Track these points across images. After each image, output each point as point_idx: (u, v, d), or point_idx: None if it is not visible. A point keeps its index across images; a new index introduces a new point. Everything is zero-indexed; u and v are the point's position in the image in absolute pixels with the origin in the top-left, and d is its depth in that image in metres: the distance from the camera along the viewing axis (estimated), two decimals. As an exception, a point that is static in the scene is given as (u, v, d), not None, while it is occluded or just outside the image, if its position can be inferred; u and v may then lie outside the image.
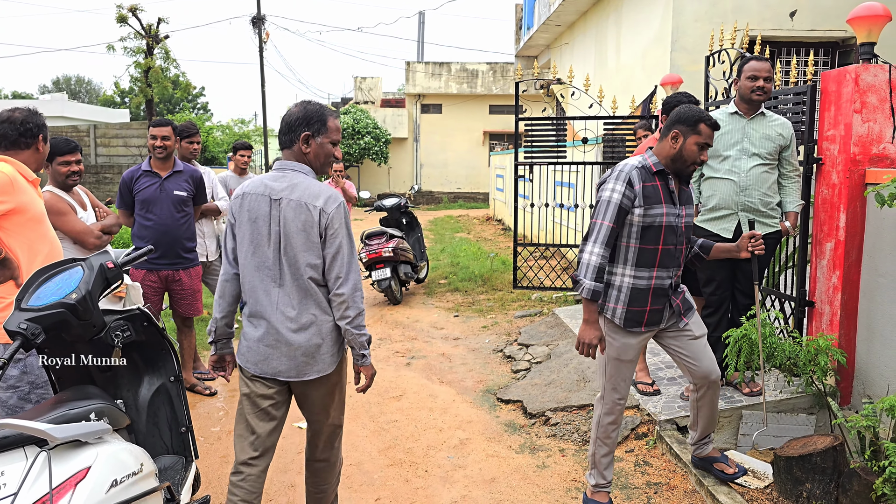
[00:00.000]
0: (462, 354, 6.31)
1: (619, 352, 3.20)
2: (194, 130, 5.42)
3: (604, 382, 3.28)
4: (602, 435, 3.31)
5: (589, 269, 3.00)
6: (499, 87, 26.00)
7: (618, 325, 3.16)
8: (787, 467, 3.43)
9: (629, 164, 3.11)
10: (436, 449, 4.24)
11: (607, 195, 3.05)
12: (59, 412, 2.21)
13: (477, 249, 12.45)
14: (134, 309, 2.99)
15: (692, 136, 3.06)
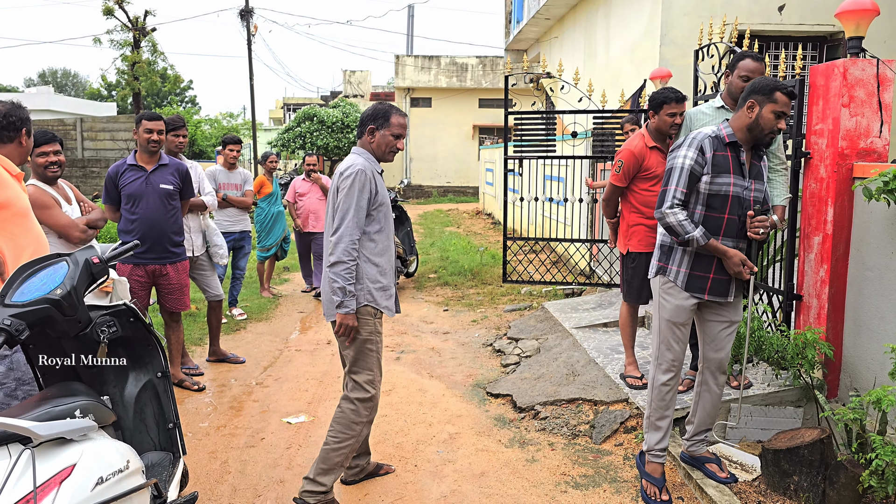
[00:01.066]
0: (452, 349, 6.30)
1: (671, 313, 3.34)
2: (180, 123, 5.37)
3: (657, 344, 3.42)
4: (657, 397, 3.43)
5: (683, 224, 3.15)
6: (488, 80, 25.96)
7: (678, 287, 3.30)
8: (774, 460, 3.44)
9: (702, 132, 3.24)
10: (425, 443, 4.24)
11: (680, 161, 3.20)
12: (44, 409, 2.18)
13: (466, 243, 12.44)
14: (120, 304, 2.96)
15: (768, 104, 3.13)
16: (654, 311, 3.46)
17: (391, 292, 3.38)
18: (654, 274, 3.44)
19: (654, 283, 3.44)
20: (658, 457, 3.48)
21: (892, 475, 2.89)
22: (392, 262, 3.40)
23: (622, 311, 4.68)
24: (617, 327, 6.09)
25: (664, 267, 3.37)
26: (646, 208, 4.40)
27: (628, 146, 4.39)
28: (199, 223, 5.48)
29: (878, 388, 2.98)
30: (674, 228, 3.19)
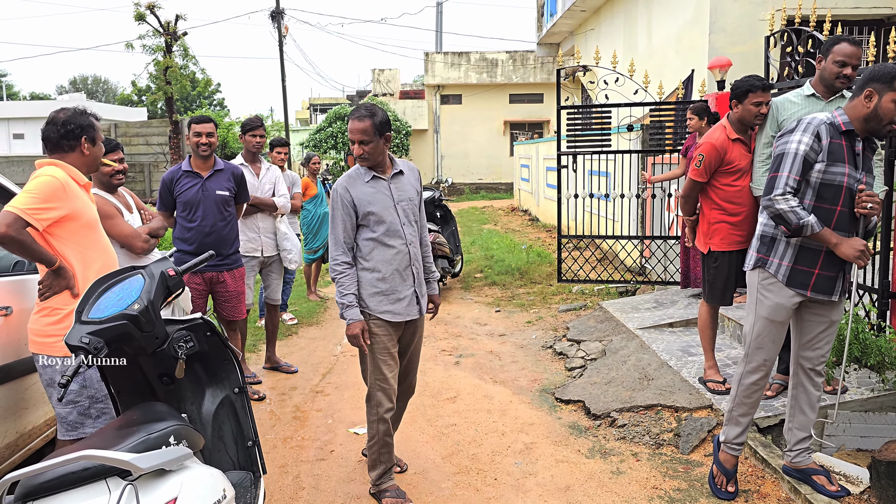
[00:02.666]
0: (511, 351, 6.11)
1: (770, 311, 3.16)
2: (258, 123, 5.35)
3: (749, 341, 3.26)
4: (742, 394, 3.31)
5: (797, 211, 2.95)
6: (518, 75, 25.67)
7: (778, 282, 3.12)
8: (888, 472, 3.20)
9: (817, 118, 3.05)
10: (501, 454, 4.06)
11: (793, 147, 3.01)
12: (138, 438, 2.04)
13: (509, 241, 12.23)
14: (197, 318, 2.82)
15: (889, 92, 2.92)
16: (750, 306, 3.26)
17: (398, 296, 3.39)
18: (751, 266, 3.24)
19: (752, 276, 3.23)
20: (734, 449, 3.39)
21: None
22: (401, 265, 3.38)
23: (702, 313, 4.45)
24: (683, 327, 5.86)
25: (764, 259, 3.16)
26: (728, 204, 4.16)
27: (709, 138, 4.16)
28: (270, 224, 5.39)
29: None
30: (785, 216, 2.96)
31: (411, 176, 3.49)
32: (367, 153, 3.28)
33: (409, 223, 3.41)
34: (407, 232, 3.38)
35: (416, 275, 3.44)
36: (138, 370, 2.69)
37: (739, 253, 4.24)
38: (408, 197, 3.42)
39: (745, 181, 4.15)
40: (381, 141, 3.30)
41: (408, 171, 3.49)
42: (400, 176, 3.43)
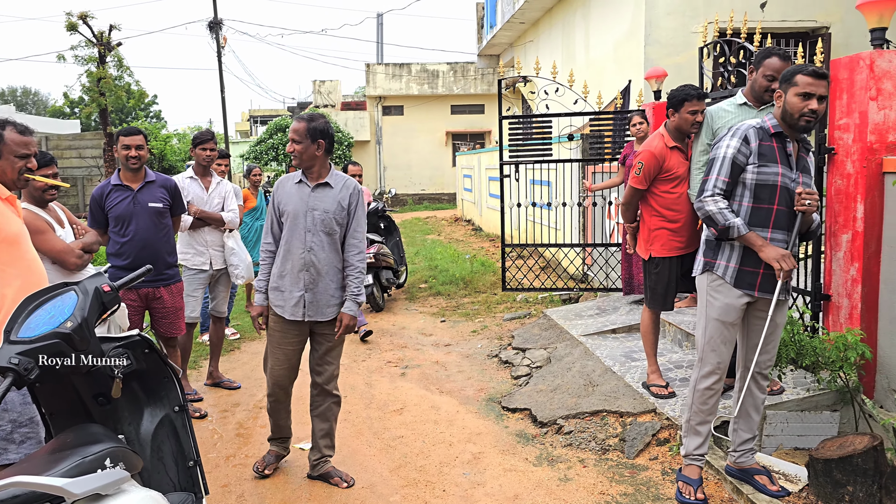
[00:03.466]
0: (457, 361, 6.10)
1: (720, 312, 3.22)
2: (208, 137, 5.28)
3: (702, 345, 3.30)
4: (698, 400, 3.32)
5: (724, 213, 3.09)
6: (460, 87, 25.84)
7: (726, 283, 3.19)
8: (825, 470, 3.30)
9: (746, 123, 3.18)
10: (449, 465, 4.03)
11: (722, 151, 3.14)
12: (72, 462, 1.93)
13: (452, 251, 12.26)
14: (134, 335, 2.71)
15: (790, 88, 3.07)
16: (701, 310, 3.33)
17: (287, 295, 3.65)
18: (699, 271, 3.32)
19: (701, 280, 3.31)
20: (697, 460, 3.42)
21: (963, 483, 2.76)
22: (295, 268, 3.62)
23: (644, 318, 4.52)
24: (626, 333, 5.95)
25: (711, 262, 3.24)
26: (667, 211, 4.25)
27: (647, 146, 4.24)
28: (218, 237, 5.29)
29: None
30: (713, 217, 3.10)
31: (341, 192, 3.64)
32: (297, 152, 3.54)
33: (316, 232, 3.59)
34: (309, 239, 3.59)
35: (309, 282, 3.62)
36: (72, 390, 2.56)
37: (680, 259, 4.33)
38: (324, 208, 3.59)
39: (684, 188, 4.25)
40: (312, 146, 3.54)
41: (338, 187, 3.65)
42: (325, 188, 3.62)
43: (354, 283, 3.68)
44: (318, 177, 3.62)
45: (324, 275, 3.63)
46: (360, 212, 3.68)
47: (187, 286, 5.12)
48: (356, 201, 3.66)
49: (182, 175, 5.36)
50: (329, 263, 3.63)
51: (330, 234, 3.61)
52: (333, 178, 3.64)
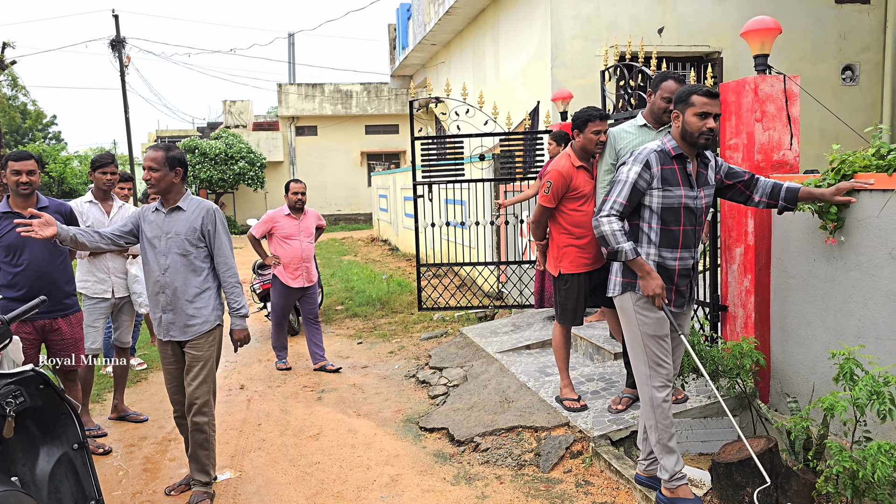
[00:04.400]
0: (374, 383, 6.06)
1: (654, 327, 3.28)
2: (109, 160, 5.07)
3: (647, 363, 3.32)
4: (661, 417, 3.32)
5: (616, 235, 3.17)
6: (374, 107, 25.89)
7: (650, 301, 3.25)
8: (727, 473, 3.45)
9: (648, 147, 3.26)
10: (367, 489, 3.99)
11: (623, 175, 3.22)
12: (-45, 510, 1.81)
13: (369, 272, 12.20)
14: (27, 370, 2.58)
15: (688, 108, 3.18)
16: (632, 330, 3.33)
17: (153, 317, 3.90)
18: (618, 291, 3.34)
19: (624, 300, 3.32)
20: (681, 479, 3.35)
21: (849, 482, 2.94)
22: (153, 290, 3.82)
23: (555, 334, 4.62)
24: (540, 348, 6.07)
25: (633, 283, 3.28)
26: (575, 229, 4.38)
27: (555, 166, 4.37)
28: (121, 264, 5.09)
29: (829, 395, 3.03)
30: (606, 238, 3.19)
31: (194, 214, 3.78)
32: (155, 180, 3.69)
33: (170, 255, 3.75)
34: (163, 262, 3.76)
35: (166, 303, 3.79)
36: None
37: (588, 275, 4.46)
38: (175, 231, 3.75)
39: (590, 206, 4.39)
40: (171, 173, 3.71)
41: (191, 210, 3.79)
42: (178, 212, 3.78)
43: (232, 299, 3.86)
44: (172, 202, 3.78)
45: (180, 296, 3.77)
46: (219, 232, 3.83)
47: (87, 316, 4.90)
48: (211, 222, 3.80)
49: (81, 199, 5.15)
50: (186, 284, 3.77)
51: (184, 255, 3.76)
52: (186, 202, 3.81)
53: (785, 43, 8.77)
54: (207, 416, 3.83)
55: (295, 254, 6.41)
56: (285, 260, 6.40)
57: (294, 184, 6.49)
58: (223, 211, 25.21)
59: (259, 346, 7.59)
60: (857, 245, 3.46)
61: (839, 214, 3.53)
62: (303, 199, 6.48)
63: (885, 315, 3.31)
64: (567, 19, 8.77)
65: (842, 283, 3.57)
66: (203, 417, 3.82)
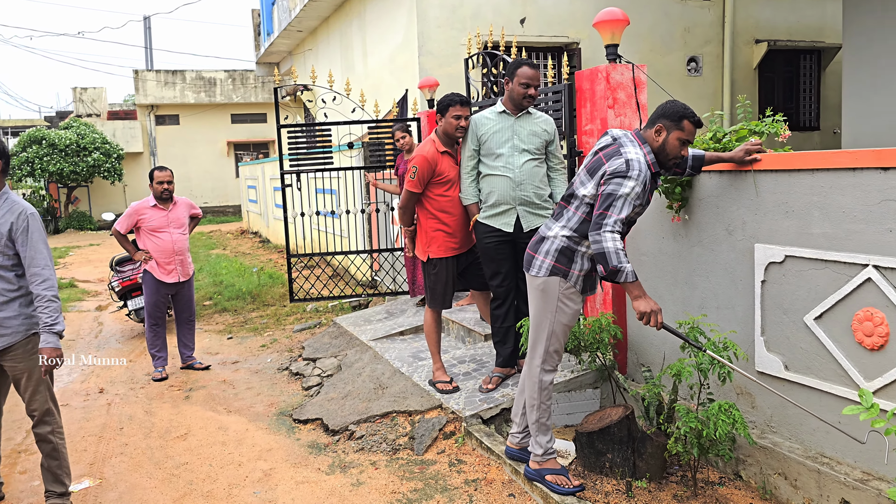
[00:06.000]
0: (245, 378, 5.91)
1: (570, 317, 3.34)
2: None
3: (545, 348, 3.35)
4: (545, 398, 3.41)
5: (619, 254, 2.99)
6: (239, 95, 25.03)
7: (577, 290, 3.30)
8: (589, 442, 3.64)
9: (641, 161, 3.09)
10: (239, 486, 3.89)
11: (626, 191, 3.03)
12: None
13: (238, 265, 11.83)
14: None
15: (675, 131, 3.14)
16: (546, 313, 3.31)
17: None
18: (545, 274, 3.28)
19: (549, 284, 3.28)
20: (552, 453, 3.47)
21: (695, 440, 3.19)
22: None
23: (427, 318, 4.69)
24: (414, 334, 6.13)
25: (566, 271, 3.25)
26: (442, 214, 4.44)
27: (420, 151, 4.41)
28: None
29: (676, 362, 3.27)
30: (608, 255, 2.98)
31: (3, 218, 3.37)
32: None
33: None
34: None
35: None
36: None
37: (456, 259, 4.55)
38: None
39: (455, 192, 4.46)
40: None
41: (1, 213, 3.38)
42: None
43: (45, 315, 3.39)
44: None
45: None
46: (32, 238, 3.41)
47: None
48: (22, 227, 3.39)
49: None
50: (34, 298, 3.42)
51: None
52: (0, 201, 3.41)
53: (636, 35, 9.28)
54: (51, 425, 3.55)
55: (166, 247, 6.03)
56: (156, 254, 6.00)
57: (158, 172, 6.05)
58: (76, 206, 23.66)
59: (120, 347, 7.20)
60: (699, 223, 3.74)
61: (683, 194, 3.79)
62: (170, 188, 6.07)
63: (724, 286, 3.60)
64: (433, 7, 8.84)
65: (687, 259, 3.84)
66: (46, 427, 3.55)
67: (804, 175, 3.13)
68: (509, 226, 4.27)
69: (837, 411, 3.03)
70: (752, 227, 3.42)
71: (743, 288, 3.49)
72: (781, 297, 3.28)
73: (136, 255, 6.03)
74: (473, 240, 4.51)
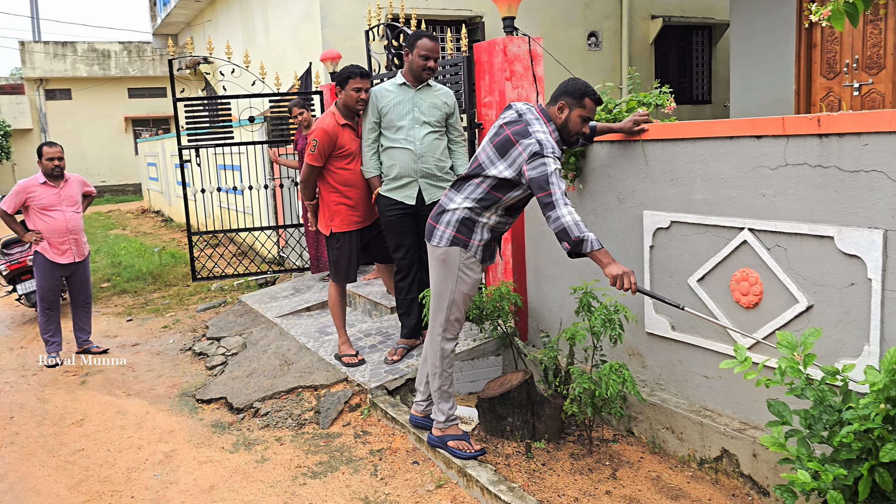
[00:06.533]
0: (146, 361, 5.73)
1: (471, 287, 3.39)
2: None
3: (446, 317, 3.40)
4: (447, 366, 3.46)
5: (580, 225, 2.97)
6: (136, 68, 23.90)
7: (477, 260, 3.35)
8: (490, 407, 3.74)
9: (551, 142, 3.13)
10: (138, 470, 3.79)
11: (553, 167, 3.06)
12: None
13: (139, 245, 11.40)
14: None
15: (577, 108, 3.22)
16: (446, 282, 3.33)
17: None
18: (446, 244, 3.30)
19: (450, 254, 3.30)
20: (454, 420, 3.53)
21: (589, 400, 3.32)
22: None
23: (331, 293, 4.67)
24: (321, 310, 6.09)
25: (466, 241, 3.29)
26: (344, 187, 4.41)
27: (320, 124, 4.35)
28: None
29: (571, 326, 3.39)
30: (569, 229, 2.96)
31: None
32: None
33: None
34: None
35: None
36: None
37: (360, 232, 4.54)
38: None
39: (357, 165, 4.44)
40: None
41: None
42: None
43: None
44: None
45: None
46: None
47: None
48: None
49: None
50: None
51: None
52: None
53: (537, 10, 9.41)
54: None
55: (58, 226, 5.70)
56: (47, 234, 5.66)
57: (48, 147, 5.68)
58: (-42, 186, 22.05)
59: (10, 334, 6.85)
60: (593, 192, 3.86)
61: (577, 164, 3.90)
62: (60, 165, 5.71)
63: (616, 252, 3.74)
64: (335, -22, 8.68)
65: (582, 227, 3.96)
66: None
67: (687, 144, 3.28)
68: (411, 198, 4.29)
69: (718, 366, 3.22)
70: (640, 195, 3.56)
71: (633, 253, 3.64)
72: (668, 261, 3.45)
73: (25, 237, 5.71)
74: (376, 213, 4.51)
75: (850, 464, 2.07)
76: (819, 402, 2.16)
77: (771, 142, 2.88)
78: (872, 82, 6.88)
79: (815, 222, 2.75)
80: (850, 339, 2.68)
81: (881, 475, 2.00)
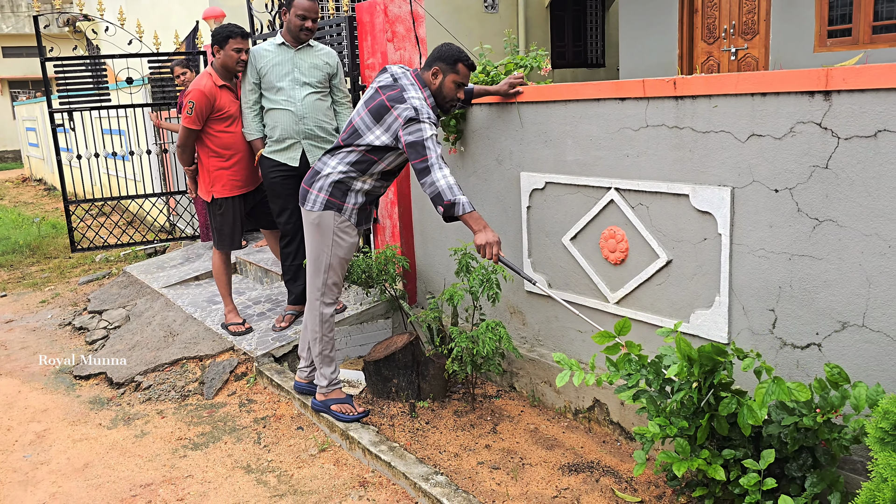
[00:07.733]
0: (20, 338, 5.43)
1: (347, 251, 3.37)
2: None
3: (323, 281, 3.36)
4: (326, 330, 3.44)
5: (454, 188, 3.00)
6: (11, 25, 22.21)
7: (352, 224, 3.34)
8: (376, 370, 3.76)
9: (427, 107, 3.13)
10: (7, 452, 3.61)
11: (430, 131, 3.08)
12: None
13: (17, 216, 10.73)
14: None
15: (451, 74, 3.22)
16: (322, 247, 3.30)
17: None
18: (320, 208, 3.27)
19: (324, 218, 3.27)
20: (337, 384, 3.52)
21: (469, 358, 3.39)
22: None
23: (215, 261, 4.54)
24: (210, 279, 5.92)
25: (340, 205, 3.27)
26: (224, 150, 4.26)
27: (196, 86, 4.17)
28: None
29: (450, 287, 3.43)
30: (442, 193, 2.98)
31: None
32: None
33: None
34: None
35: None
36: None
37: (243, 198, 4.42)
38: None
39: (237, 127, 4.29)
40: None
41: None
42: None
43: None
44: None
45: None
46: None
47: None
48: None
49: None
50: None
51: None
52: None
53: (432, -30, 9.29)
54: None
55: None
56: None
57: None
58: None
59: None
60: (474, 154, 3.89)
61: (458, 127, 3.92)
62: None
63: (496, 213, 3.80)
64: (220, -67, 8.29)
65: (465, 189, 4.00)
66: None
67: (559, 106, 3.34)
68: (295, 160, 4.20)
69: (591, 320, 3.35)
70: (518, 157, 3.62)
71: (512, 214, 3.71)
72: (544, 220, 3.53)
73: None
74: (260, 178, 4.39)
75: (693, 416, 2.24)
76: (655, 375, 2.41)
77: (633, 104, 2.97)
78: (748, 47, 7.21)
79: (673, 181, 2.87)
80: (704, 290, 2.84)
81: (719, 421, 2.15)
